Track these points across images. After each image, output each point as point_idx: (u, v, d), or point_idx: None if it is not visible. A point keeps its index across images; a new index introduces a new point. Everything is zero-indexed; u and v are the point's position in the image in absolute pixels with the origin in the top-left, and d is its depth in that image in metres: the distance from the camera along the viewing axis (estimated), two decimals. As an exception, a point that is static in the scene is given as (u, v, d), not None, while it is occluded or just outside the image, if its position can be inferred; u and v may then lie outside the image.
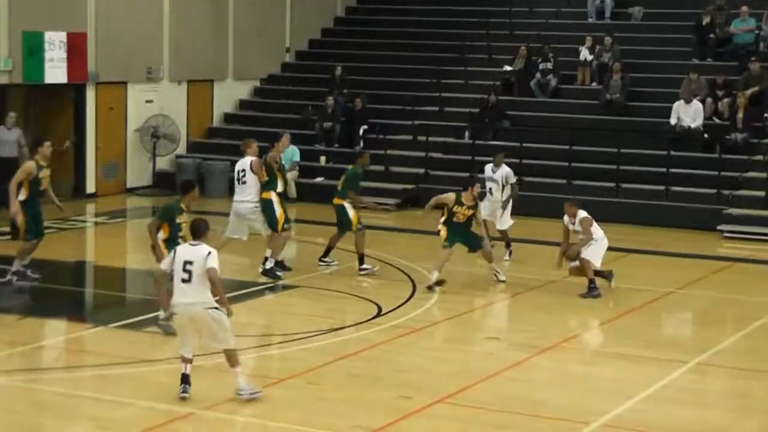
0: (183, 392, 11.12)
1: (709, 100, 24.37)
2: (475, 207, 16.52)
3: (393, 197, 24.10)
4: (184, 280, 11.03)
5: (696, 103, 24.10)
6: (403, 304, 15.60)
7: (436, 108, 26.84)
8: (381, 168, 25.16)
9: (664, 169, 23.16)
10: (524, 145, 24.28)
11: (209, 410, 10.90)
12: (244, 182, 16.79)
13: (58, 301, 15.99)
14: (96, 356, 13.01)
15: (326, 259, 17.84)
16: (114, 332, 13.88)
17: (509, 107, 26.18)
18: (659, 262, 19.34)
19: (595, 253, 16.33)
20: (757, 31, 26.51)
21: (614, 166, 23.56)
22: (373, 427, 10.56)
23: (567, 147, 24.11)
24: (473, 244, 16.75)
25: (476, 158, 24.45)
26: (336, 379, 12.13)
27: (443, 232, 16.57)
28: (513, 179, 18.87)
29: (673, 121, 24.15)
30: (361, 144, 26.19)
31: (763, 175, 22.69)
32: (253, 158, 16.86)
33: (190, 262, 11.01)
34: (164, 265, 11.33)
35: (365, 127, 26.31)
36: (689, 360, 13.19)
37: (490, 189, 18.82)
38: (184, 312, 11.08)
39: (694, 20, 26.98)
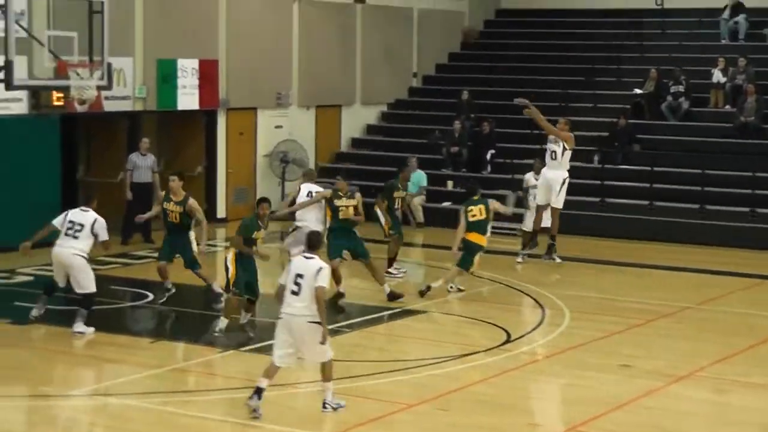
0: (254, 406, 11.16)
1: None
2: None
3: (521, 221, 23.84)
4: (293, 292, 11.13)
5: (834, 125, 23.45)
6: (532, 330, 15.43)
7: (565, 132, 26.53)
8: (509, 192, 24.99)
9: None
10: (655, 169, 23.88)
11: (339, 435, 10.88)
12: None
13: (189, 325, 16.20)
14: (227, 380, 13.13)
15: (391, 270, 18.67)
16: (245, 356, 13.98)
17: (639, 131, 25.79)
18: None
19: None
20: None
21: (749, 191, 23.00)
22: (504, 455, 10.43)
23: (699, 171, 23.62)
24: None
25: (606, 182, 24.16)
26: (464, 405, 12.02)
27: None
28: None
29: (810, 143, 23.50)
30: (489, 168, 26.08)
31: None
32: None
33: (301, 276, 11.09)
34: (281, 279, 11.45)
35: (493, 151, 26.19)
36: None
37: (534, 195, 20.13)
38: (286, 323, 11.17)
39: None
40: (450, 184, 26.03)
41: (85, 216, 15.33)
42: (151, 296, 16.32)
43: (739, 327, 15.74)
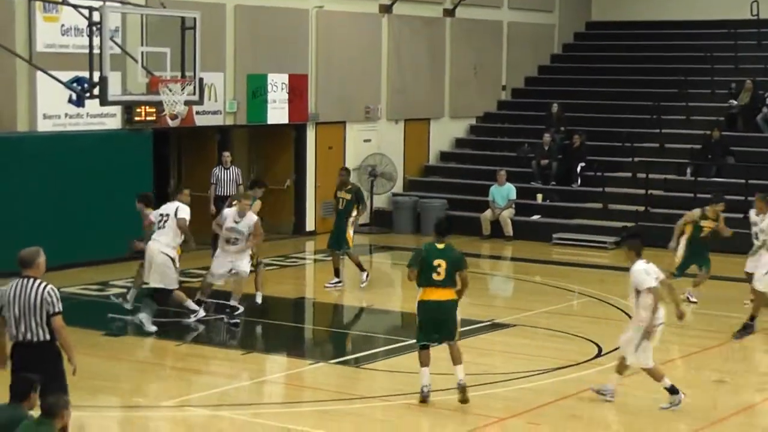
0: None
1: None
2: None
3: (611, 235, 23.62)
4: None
5: None
6: (624, 344, 15.18)
7: (656, 144, 26.26)
8: (599, 206, 24.77)
9: None
10: (750, 182, 23.44)
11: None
12: None
13: (279, 337, 16.28)
14: (316, 392, 13.14)
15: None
16: (334, 368, 13.98)
17: (734, 143, 25.37)
18: None
19: None
20: None
21: None
22: (596, 470, 10.27)
23: (795, 184, 23.15)
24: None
25: (698, 196, 23.78)
26: (556, 420, 11.88)
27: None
28: None
29: None
30: (579, 182, 25.87)
31: None
32: None
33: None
34: None
35: (583, 164, 25.97)
36: None
37: (756, 234, 16.40)
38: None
39: None
40: (539, 197, 25.85)
41: (170, 205, 16.01)
42: (241, 308, 16.41)
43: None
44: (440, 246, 12.12)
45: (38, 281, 9.67)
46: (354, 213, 18.90)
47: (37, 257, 9.77)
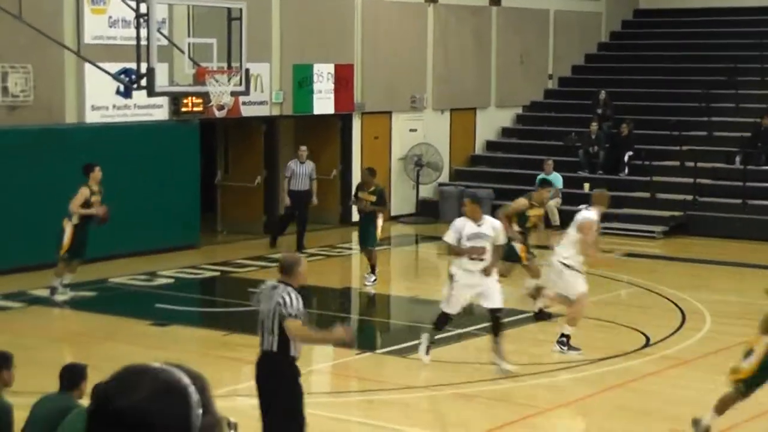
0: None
1: None
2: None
3: (660, 224, 23.46)
4: None
5: None
6: (672, 334, 15.10)
7: (705, 133, 26.03)
8: (647, 195, 24.60)
9: None
10: (800, 169, 23.21)
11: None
12: None
13: (326, 328, 16.31)
14: (363, 381, 13.16)
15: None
16: (381, 358, 14.00)
17: (783, 131, 25.10)
18: None
19: None
20: None
21: None
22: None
23: None
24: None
25: (748, 184, 23.57)
26: (603, 410, 11.83)
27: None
28: None
29: None
30: (626, 170, 25.70)
31: None
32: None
33: None
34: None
35: (630, 153, 25.79)
36: None
37: None
38: None
39: None
40: (586, 186, 25.69)
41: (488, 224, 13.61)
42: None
43: None
44: None
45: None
46: (380, 216, 18.68)
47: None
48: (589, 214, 14.25)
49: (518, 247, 16.09)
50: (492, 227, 13.07)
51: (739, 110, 26.42)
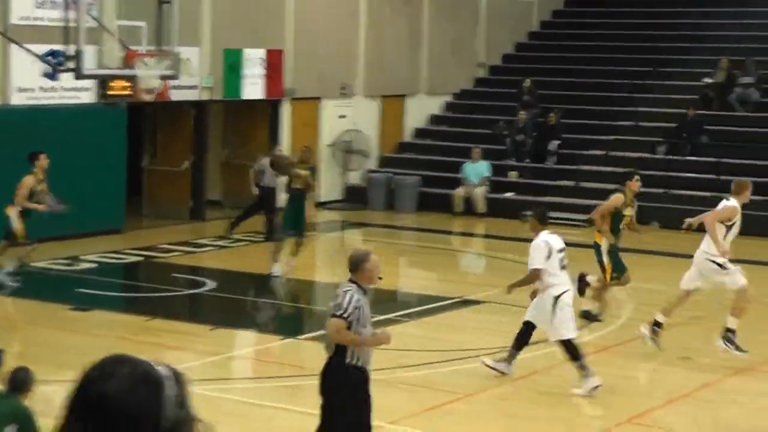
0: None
1: None
2: None
3: (584, 213, 23.69)
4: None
5: None
6: (593, 321, 15.28)
7: (631, 123, 26.34)
8: (572, 183, 24.86)
9: None
10: (723, 160, 23.57)
11: (394, 424, 10.88)
12: None
13: (249, 313, 16.33)
14: (285, 367, 13.19)
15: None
16: (303, 344, 14.04)
17: (708, 122, 25.46)
18: None
19: None
20: None
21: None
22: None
23: (768, 163, 23.32)
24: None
25: (672, 174, 23.91)
26: (525, 395, 11.97)
27: None
28: None
29: None
30: (556, 159, 25.94)
31: None
32: None
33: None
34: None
35: (558, 142, 26.03)
36: None
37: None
38: None
39: None
40: (513, 174, 25.92)
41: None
42: (208, 284, 16.41)
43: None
44: None
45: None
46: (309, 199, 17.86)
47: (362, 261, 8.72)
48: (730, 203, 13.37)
49: None
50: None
51: (664, 101, 26.75)
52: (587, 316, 15.00)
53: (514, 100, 27.56)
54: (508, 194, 25.28)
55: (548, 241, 12.04)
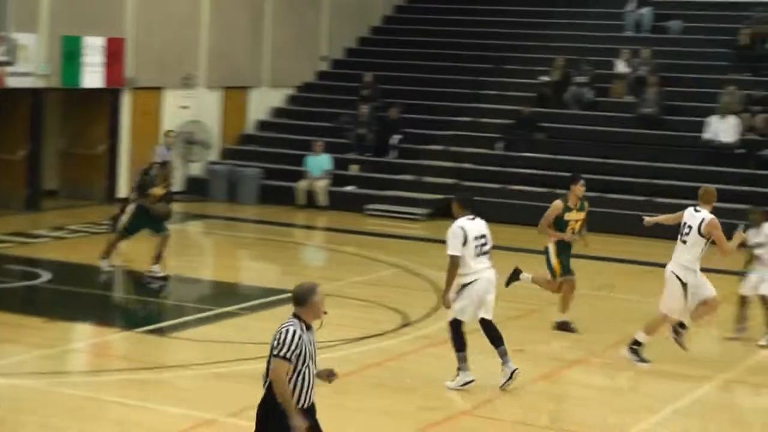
0: None
1: (746, 114, 24.21)
2: None
3: (424, 207, 24.06)
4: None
5: (732, 118, 23.94)
6: (430, 314, 15.54)
7: (471, 118, 26.80)
8: (412, 178, 25.18)
9: (698, 184, 22.92)
10: (557, 157, 24.20)
11: (233, 417, 10.89)
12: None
13: (85, 305, 16.06)
14: (122, 360, 13.06)
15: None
16: (141, 337, 13.91)
17: (544, 119, 26.08)
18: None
19: None
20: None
21: (648, 180, 23.42)
22: (395, 437, 10.53)
23: (601, 160, 24.02)
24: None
25: (508, 170, 24.42)
26: (360, 389, 12.08)
27: None
28: None
29: (708, 135, 24.00)
30: (396, 153, 26.21)
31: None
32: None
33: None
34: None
35: (400, 136, 26.31)
36: (715, 376, 13.09)
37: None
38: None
39: (732, 35, 26.83)
40: (355, 168, 26.09)
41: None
42: (43, 276, 16.09)
43: (633, 313, 15.99)
44: None
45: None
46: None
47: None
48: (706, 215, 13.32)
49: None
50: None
51: (504, 98, 27.27)
52: (564, 328, 14.89)
53: (356, 93, 27.75)
54: (350, 188, 25.45)
55: (464, 227, 11.88)
